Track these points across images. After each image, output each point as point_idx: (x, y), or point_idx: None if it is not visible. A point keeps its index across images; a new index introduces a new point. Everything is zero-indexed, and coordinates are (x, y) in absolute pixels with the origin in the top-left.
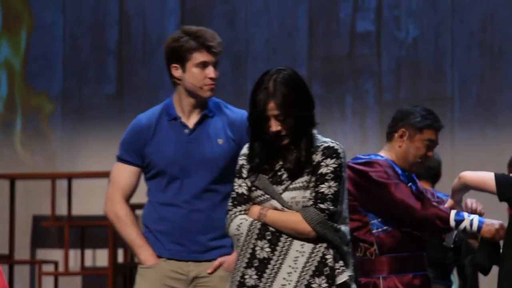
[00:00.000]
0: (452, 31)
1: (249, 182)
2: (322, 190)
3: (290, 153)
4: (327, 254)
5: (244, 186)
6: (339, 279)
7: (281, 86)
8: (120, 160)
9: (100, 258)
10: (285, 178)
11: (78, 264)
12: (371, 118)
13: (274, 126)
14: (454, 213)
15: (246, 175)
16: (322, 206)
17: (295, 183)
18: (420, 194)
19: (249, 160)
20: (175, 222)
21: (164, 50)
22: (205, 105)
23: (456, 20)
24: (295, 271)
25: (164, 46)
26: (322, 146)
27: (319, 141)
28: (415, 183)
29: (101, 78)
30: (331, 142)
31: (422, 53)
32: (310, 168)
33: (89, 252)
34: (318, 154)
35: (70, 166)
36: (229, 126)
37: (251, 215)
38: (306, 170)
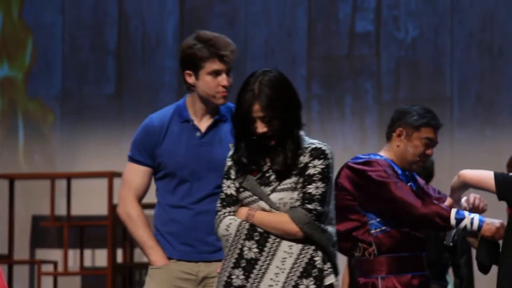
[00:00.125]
0: (451, 31)
1: (237, 183)
2: (309, 191)
3: (277, 154)
4: (316, 256)
5: (232, 187)
6: (327, 281)
7: (266, 88)
8: (131, 160)
9: (99, 258)
10: (273, 179)
11: (77, 264)
12: (370, 118)
13: (260, 127)
14: (454, 211)
15: (234, 176)
16: (310, 206)
17: (283, 184)
18: (420, 192)
19: (235, 161)
20: (184, 224)
21: (179, 55)
22: (217, 109)
23: (455, 20)
24: (283, 272)
25: (179, 50)
26: (310, 147)
27: (307, 142)
28: (416, 182)
29: (100, 78)
30: (319, 143)
31: (421, 53)
32: (297, 169)
33: (88, 252)
34: (305, 155)
35: (69, 166)
36: None
37: (239, 216)
38: (294, 171)
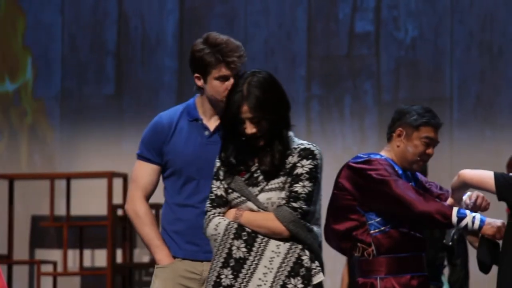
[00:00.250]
0: (451, 31)
1: (225, 184)
2: (296, 189)
3: (265, 155)
4: (303, 255)
5: (222, 188)
6: (315, 280)
7: (255, 89)
8: (140, 157)
9: (98, 258)
10: (261, 179)
11: (76, 264)
12: (370, 119)
13: (249, 128)
14: (456, 209)
15: (222, 178)
16: (295, 205)
17: (271, 184)
18: (421, 190)
19: (223, 162)
20: (190, 222)
21: (189, 56)
22: None
23: (455, 20)
24: (271, 272)
25: (189, 51)
26: (299, 148)
27: (296, 143)
28: (417, 182)
29: (100, 78)
30: (308, 144)
31: (421, 53)
32: (286, 169)
33: (87, 252)
34: (294, 155)
35: (69, 166)
36: None
37: (228, 217)
38: (282, 171)
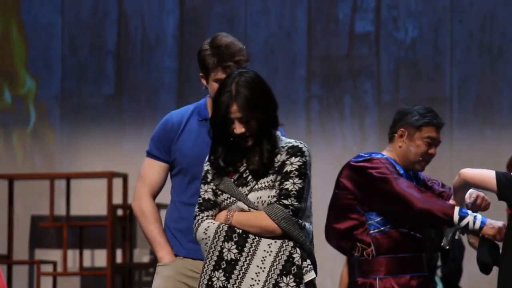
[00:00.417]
0: (451, 31)
1: (214, 187)
2: (286, 187)
3: (253, 154)
4: (294, 253)
5: (210, 191)
6: (307, 277)
7: (243, 89)
8: (149, 155)
9: (98, 258)
10: (250, 179)
11: (76, 264)
12: (370, 119)
13: (239, 128)
14: (458, 208)
15: (210, 180)
16: (286, 202)
17: (260, 183)
18: (423, 188)
19: (212, 164)
20: (193, 221)
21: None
22: None
23: (455, 20)
24: (263, 271)
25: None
26: (287, 146)
27: (284, 142)
28: (419, 180)
29: (99, 78)
30: (295, 141)
31: (421, 53)
32: (275, 168)
33: (87, 252)
34: (282, 154)
35: (68, 166)
36: None
37: (218, 220)
38: (271, 170)
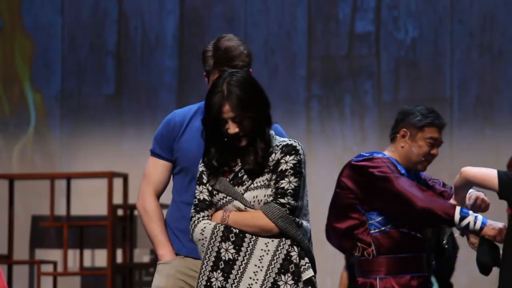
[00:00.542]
0: (451, 32)
1: (209, 187)
2: (282, 186)
3: (248, 154)
4: (292, 252)
5: (205, 192)
6: (305, 275)
7: (235, 88)
8: (152, 154)
9: (99, 258)
10: (245, 178)
11: (77, 264)
12: (370, 119)
13: (232, 128)
14: (459, 208)
15: (206, 181)
16: (283, 200)
17: (256, 183)
18: (425, 187)
19: (206, 164)
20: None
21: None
22: None
23: (455, 20)
24: (261, 270)
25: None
26: (281, 144)
27: (278, 140)
28: (420, 180)
29: (100, 78)
30: (289, 140)
31: (421, 53)
32: (269, 166)
33: (88, 252)
34: (277, 152)
35: (69, 166)
36: None
37: (215, 220)
38: (266, 169)
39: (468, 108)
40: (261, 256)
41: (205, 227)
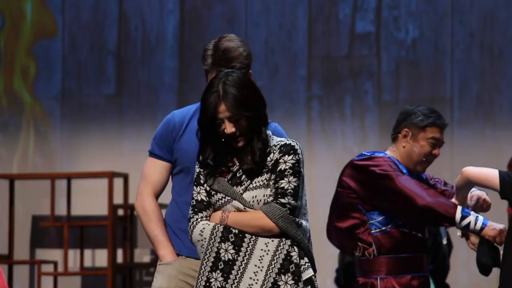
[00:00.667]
0: (451, 32)
1: (207, 187)
2: (282, 186)
3: (245, 154)
4: (292, 252)
5: (202, 192)
6: (305, 275)
7: (231, 88)
8: (151, 154)
9: (99, 258)
10: (244, 178)
11: (77, 264)
12: (371, 119)
13: (229, 128)
14: (461, 207)
15: (204, 181)
16: (283, 200)
17: (255, 182)
18: (426, 185)
19: (203, 165)
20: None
21: None
22: None
23: (455, 20)
24: (261, 270)
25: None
26: (279, 144)
27: (275, 140)
28: (421, 180)
29: (100, 78)
30: (287, 140)
31: (421, 53)
32: (268, 166)
33: (88, 252)
34: (275, 152)
35: (69, 166)
36: None
37: (213, 221)
38: (264, 168)
39: (468, 108)
40: (261, 256)
41: (204, 228)
